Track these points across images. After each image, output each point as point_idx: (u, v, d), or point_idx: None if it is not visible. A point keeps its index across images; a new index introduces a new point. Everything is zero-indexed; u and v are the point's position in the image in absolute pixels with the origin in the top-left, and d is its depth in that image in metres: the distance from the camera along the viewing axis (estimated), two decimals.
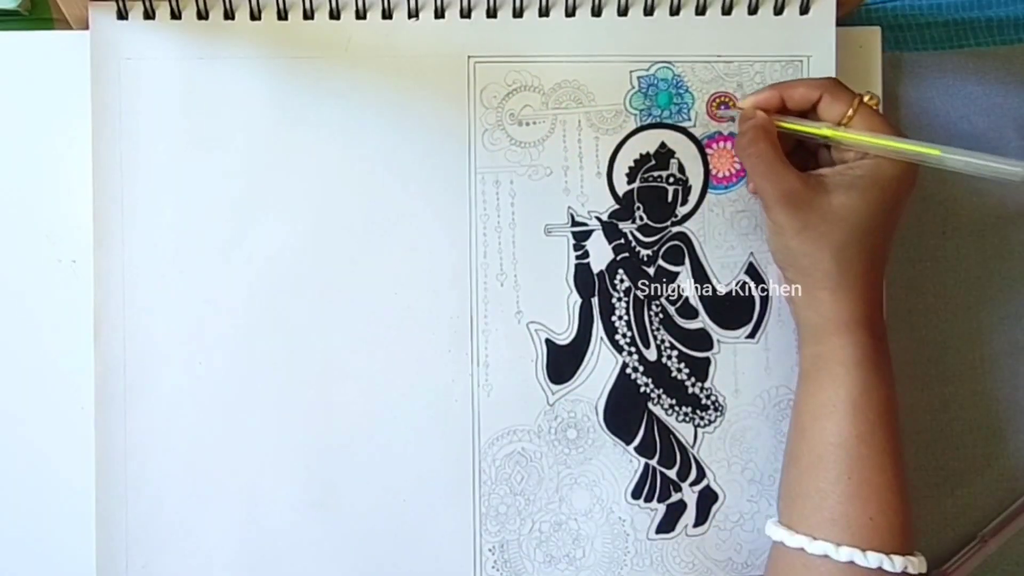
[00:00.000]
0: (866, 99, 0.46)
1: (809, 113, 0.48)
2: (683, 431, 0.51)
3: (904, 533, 0.45)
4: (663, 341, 0.51)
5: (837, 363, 0.46)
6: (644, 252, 0.51)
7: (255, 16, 0.48)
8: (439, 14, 0.49)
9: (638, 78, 0.50)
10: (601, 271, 0.50)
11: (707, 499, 0.51)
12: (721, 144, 0.51)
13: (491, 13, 0.49)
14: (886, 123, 0.46)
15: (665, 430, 0.51)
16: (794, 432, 0.48)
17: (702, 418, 0.51)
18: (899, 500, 0.45)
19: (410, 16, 0.49)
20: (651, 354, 0.51)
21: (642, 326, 0.51)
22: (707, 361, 0.51)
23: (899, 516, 0.45)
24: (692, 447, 0.51)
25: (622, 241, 0.50)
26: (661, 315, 0.51)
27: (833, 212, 0.45)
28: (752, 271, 0.51)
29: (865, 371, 0.45)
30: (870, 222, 0.45)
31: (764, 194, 0.47)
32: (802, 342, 0.48)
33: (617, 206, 0.50)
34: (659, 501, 0.51)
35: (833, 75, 0.50)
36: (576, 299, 0.50)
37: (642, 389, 0.51)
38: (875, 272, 0.47)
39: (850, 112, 0.46)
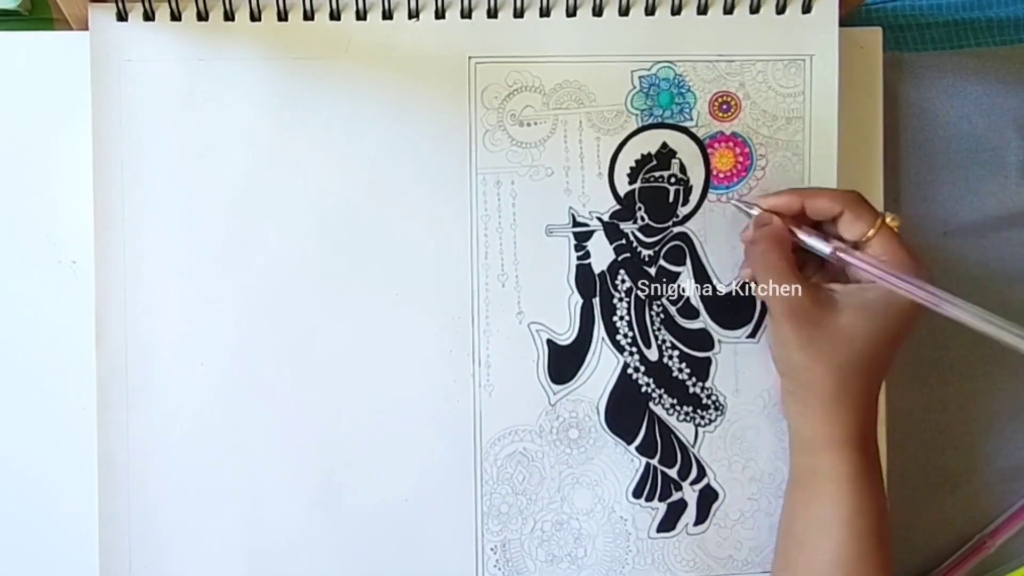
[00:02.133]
0: (888, 220, 0.46)
1: (827, 224, 0.48)
2: (684, 430, 0.51)
3: None
4: (664, 341, 0.51)
5: (831, 479, 0.46)
6: (645, 252, 0.51)
7: (255, 17, 0.48)
8: (440, 14, 0.49)
9: (639, 78, 0.50)
10: (602, 271, 0.51)
11: (707, 498, 0.52)
12: (723, 144, 0.51)
13: (492, 13, 0.49)
14: (904, 249, 0.45)
15: (666, 429, 0.51)
16: (790, 542, 0.48)
17: (703, 417, 0.51)
18: None
19: (410, 17, 0.49)
20: (652, 354, 0.51)
21: (643, 326, 0.51)
22: (708, 361, 0.51)
23: None
24: (693, 446, 0.51)
25: (623, 241, 0.50)
26: (662, 315, 0.51)
27: (840, 332, 0.45)
28: None
29: (858, 488, 0.45)
30: (875, 347, 0.45)
31: (771, 305, 0.46)
32: (794, 450, 0.48)
33: (618, 206, 0.50)
34: (660, 500, 0.51)
35: (836, 75, 0.50)
36: (577, 299, 0.50)
37: (643, 389, 0.51)
38: (873, 392, 0.46)
39: (870, 232, 0.45)
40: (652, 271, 0.51)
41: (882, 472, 0.47)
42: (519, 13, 0.49)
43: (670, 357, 0.51)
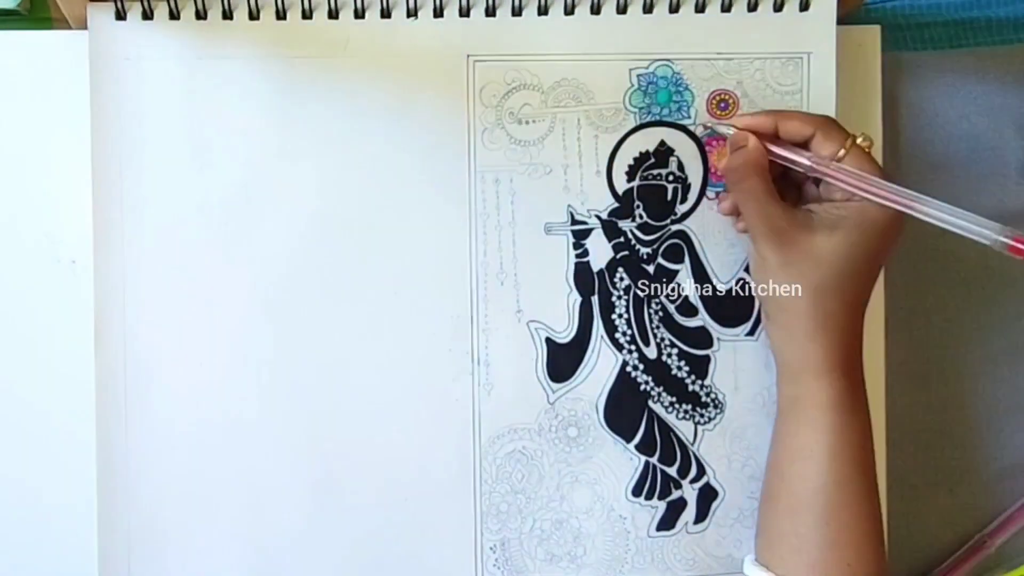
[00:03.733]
0: (859, 140, 0.46)
1: (799, 148, 0.48)
2: (683, 429, 0.51)
3: None
4: (663, 339, 0.51)
5: (813, 406, 0.46)
6: (644, 250, 0.51)
7: (253, 16, 0.48)
8: (438, 13, 0.49)
9: (637, 76, 0.50)
10: (601, 269, 0.51)
11: (707, 496, 0.51)
12: (721, 142, 0.50)
13: (490, 11, 0.49)
14: (876, 167, 0.46)
15: (665, 428, 0.51)
16: (772, 472, 0.49)
17: (702, 415, 0.51)
18: (876, 546, 0.46)
19: (409, 15, 0.49)
20: (651, 352, 0.51)
21: (642, 324, 0.51)
22: (707, 359, 0.51)
23: (876, 563, 0.46)
24: (692, 444, 0.51)
25: (622, 239, 0.50)
26: (661, 313, 0.51)
27: (815, 251, 0.45)
28: None
29: (840, 415, 0.46)
30: (850, 266, 0.45)
31: (753, 229, 0.47)
32: (780, 381, 0.48)
33: (617, 204, 0.50)
34: (659, 498, 0.51)
35: (834, 73, 0.50)
36: (576, 297, 0.50)
37: (642, 387, 0.51)
38: (853, 316, 0.47)
39: (841, 152, 0.46)
40: (651, 269, 0.51)
41: (866, 401, 0.47)
42: (517, 11, 0.49)
43: (669, 355, 0.51)
